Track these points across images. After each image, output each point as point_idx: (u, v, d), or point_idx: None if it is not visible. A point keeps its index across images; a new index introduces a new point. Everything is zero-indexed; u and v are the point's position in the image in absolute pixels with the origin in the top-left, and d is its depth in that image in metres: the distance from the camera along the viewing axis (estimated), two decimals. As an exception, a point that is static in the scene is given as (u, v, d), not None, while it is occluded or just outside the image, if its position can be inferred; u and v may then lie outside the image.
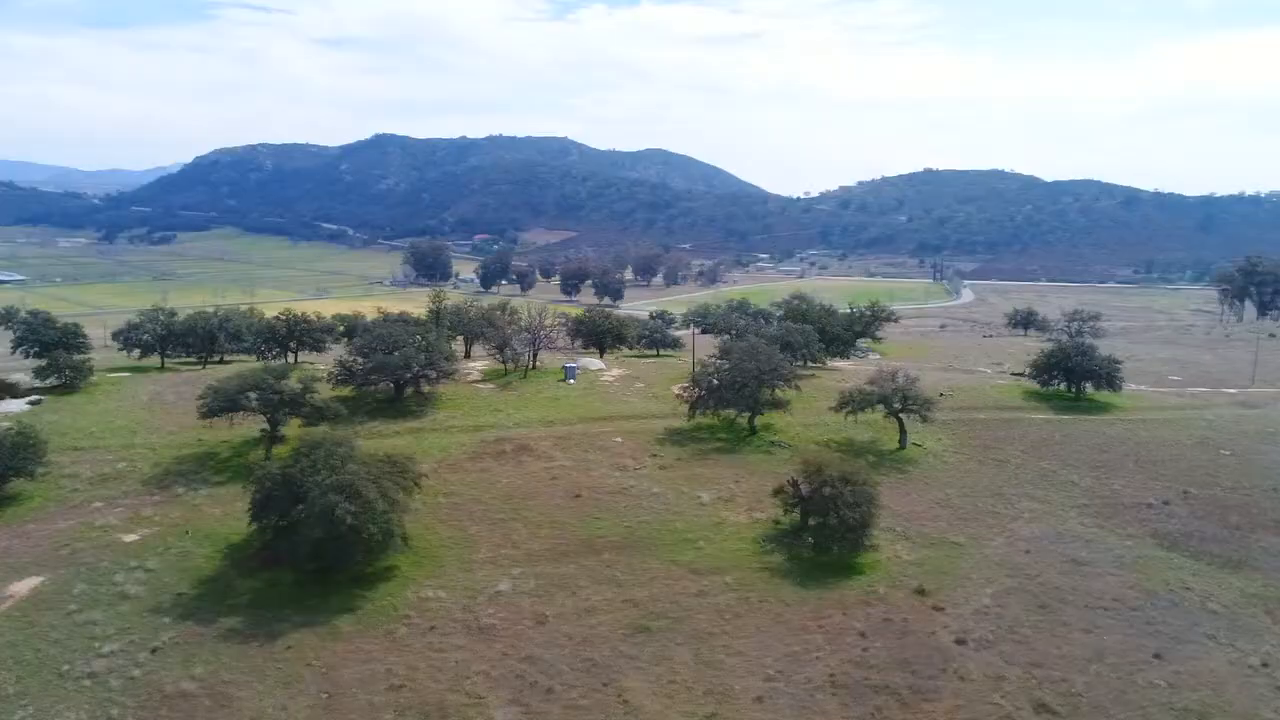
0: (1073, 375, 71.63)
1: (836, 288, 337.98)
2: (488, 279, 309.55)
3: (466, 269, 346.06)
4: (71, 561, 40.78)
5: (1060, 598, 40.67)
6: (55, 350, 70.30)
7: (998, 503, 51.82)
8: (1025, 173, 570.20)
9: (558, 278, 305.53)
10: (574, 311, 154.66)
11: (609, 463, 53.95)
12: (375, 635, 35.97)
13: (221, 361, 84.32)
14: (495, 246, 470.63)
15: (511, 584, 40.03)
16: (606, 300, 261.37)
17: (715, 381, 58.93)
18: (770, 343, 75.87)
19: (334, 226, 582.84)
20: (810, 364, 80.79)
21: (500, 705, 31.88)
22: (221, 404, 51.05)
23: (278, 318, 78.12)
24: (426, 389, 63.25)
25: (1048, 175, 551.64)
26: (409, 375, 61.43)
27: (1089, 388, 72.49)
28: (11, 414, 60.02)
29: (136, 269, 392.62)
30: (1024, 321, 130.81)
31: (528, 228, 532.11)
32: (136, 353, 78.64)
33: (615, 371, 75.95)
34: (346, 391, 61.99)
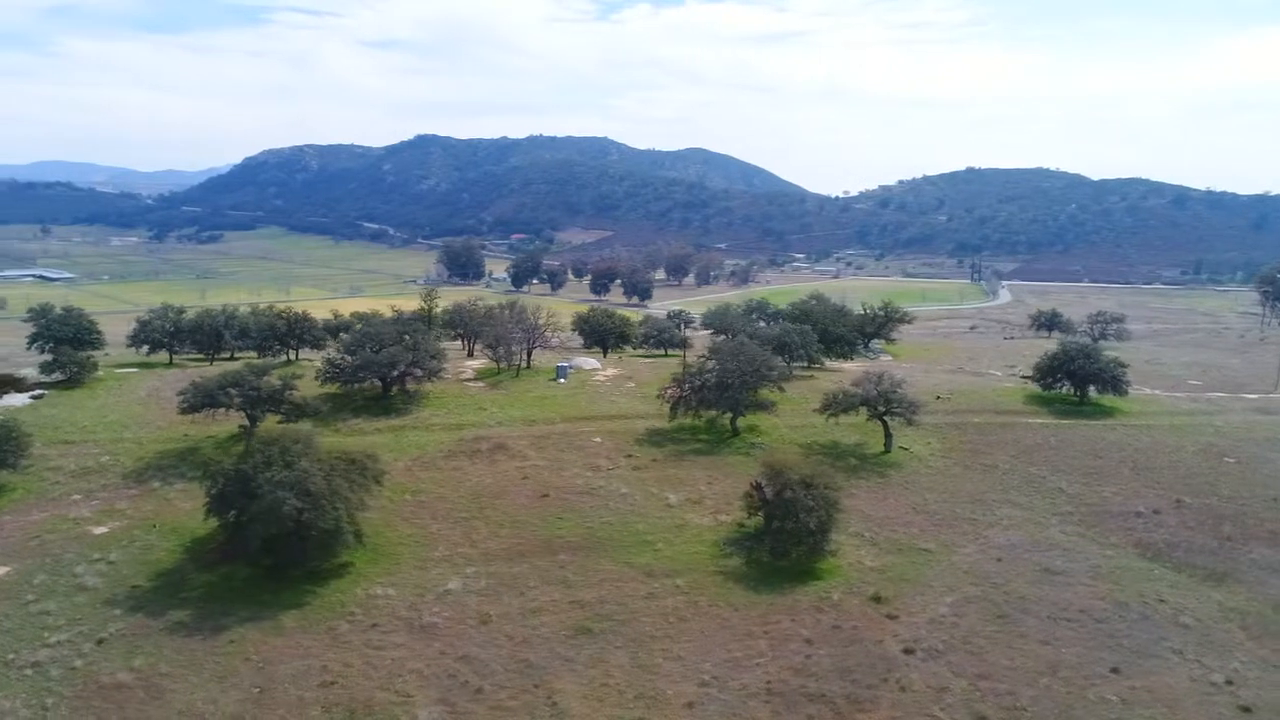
0: (1076, 379, 69.62)
1: (869, 288, 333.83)
2: (519, 278, 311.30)
3: (500, 268, 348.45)
4: (38, 553, 41.72)
5: (1023, 608, 39.49)
6: (61, 346, 71.89)
7: (977, 509, 50.53)
8: (1071, 171, 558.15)
9: (589, 277, 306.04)
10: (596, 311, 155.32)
11: (583, 463, 53.73)
12: (317, 631, 36.19)
13: (232, 357, 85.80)
14: (531, 246, 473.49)
15: (462, 583, 40.02)
16: (635, 300, 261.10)
17: (697, 382, 58.25)
18: (765, 343, 75.28)
19: (375, 226, 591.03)
20: (809, 365, 79.77)
21: (427, 704, 31.83)
22: (200, 400, 51.85)
23: (278, 316, 79.22)
24: (412, 387, 63.57)
25: (1094, 174, 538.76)
26: (395, 374, 61.77)
27: (1094, 392, 70.45)
28: (12, 407, 61.78)
29: (181, 267, 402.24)
30: (1048, 323, 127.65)
31: (564, 227, 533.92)
32: (145, 349, 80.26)
33: (610, 371, 75.70)
34: (335, 388, 62.51)
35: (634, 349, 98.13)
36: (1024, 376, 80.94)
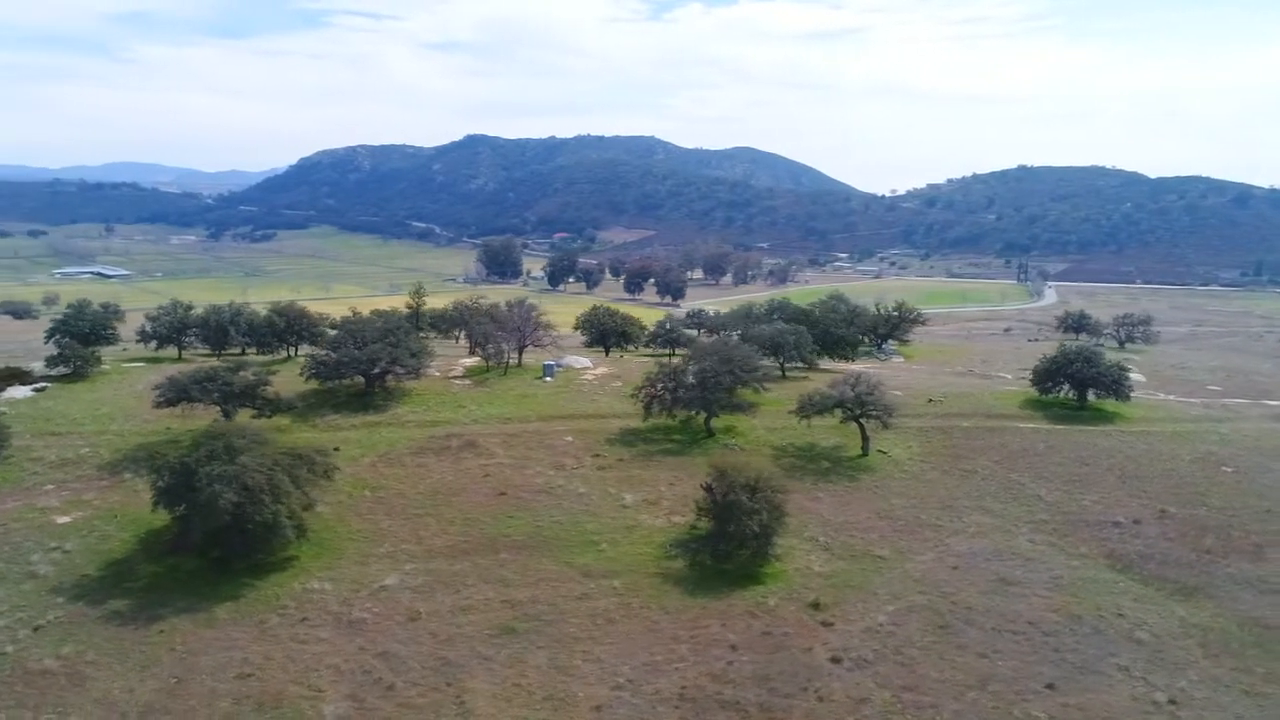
0: (1074, 383, 67.37)
1: (909, 288, 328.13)
2: (555, 277, 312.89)
3: (539, 267, 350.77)
4: (1, 541, 42.94)
5: (968, 618, 38.25)
6: (69, 340, 74.12)
7: (945, 515, 49.16)
8: (1128, 169, 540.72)
9: (624, 276, 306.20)
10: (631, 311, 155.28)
11: (549, 461, 53.62)
12: (247, 624, 36.63)
13: (242, 353, 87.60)
14: (574, 245, 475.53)
15: (399, 579, 40.19)
16: (668, 299, 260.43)
17: (671, 382, 57.71)
18: (759, 344, 74.36)
19: (423, 225, 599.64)
20: (807, 366, 78.51)
21: (336, 700, 31.96)
22: (174, 395, 52.95)
23: (276, 313, 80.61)
24: (393, 384, 64.11)
25: (1153, 172, 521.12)
26: (376, 371, 62.39)
27: (1095, 396, 68.08)
28: (13, 399, 63.93)
29: (232, 265, 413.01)
30: (1076, 325, 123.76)
31: (607, 226, 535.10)
32: (154, 344, 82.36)
33: (600, 370, 75.44)
34: (318, 384, 63.33)
35: (642, 347, 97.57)
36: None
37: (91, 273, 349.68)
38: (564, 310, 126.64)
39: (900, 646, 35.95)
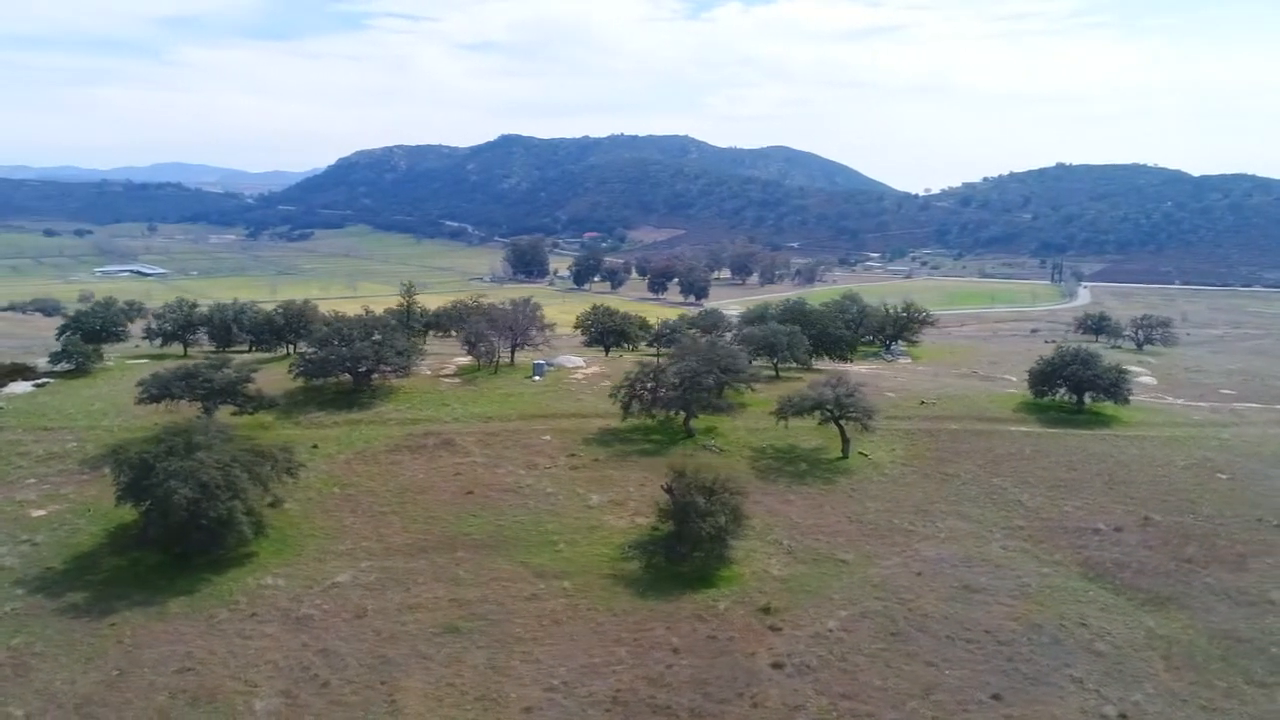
0: (1071, 385, 65.80)
1: (938, 288, 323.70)
2: (580, 276, 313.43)
3: (566, 266, 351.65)
4: (-26, 533, 43.89)
5: (923, 626, 37.45)
6: (73, 336, 75.73)
7: (919, 520, 48.24)
8: (1171, 167, 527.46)
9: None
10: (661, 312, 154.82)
11: (522, 460, 53.59)
12: (197, 619, 37.00)
13: (249, 350, 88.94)
14: (603, 244, 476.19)
15: (353, 576, 40.36)
16: (691, 298, 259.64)
17: (650, 382, 57.35)
18: (753, 345, 73.75)
19: (455, 224, 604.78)
20: (804, 367, 77.60)
21: (268, 695, 32.14)
22: (156, 392, 53.78)
23: (275, 311, 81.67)
24: (379, 382, 64.56)
25: (1198, 170, 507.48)
26: (363, 369, 62.87)
27: (1093, 399, 66.45)
28: (13, 394, 65.47)
29: (267, 264, 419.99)
30: (1095, 326, 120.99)
31: (637, 225, 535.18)
32: (159, 341, 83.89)
33: (591, 369, 75.28)
34: (304, 382, 63.95)
35: (645, 347, 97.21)
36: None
37: (130, 271, 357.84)
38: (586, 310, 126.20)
39: (846, 653, 35.29)
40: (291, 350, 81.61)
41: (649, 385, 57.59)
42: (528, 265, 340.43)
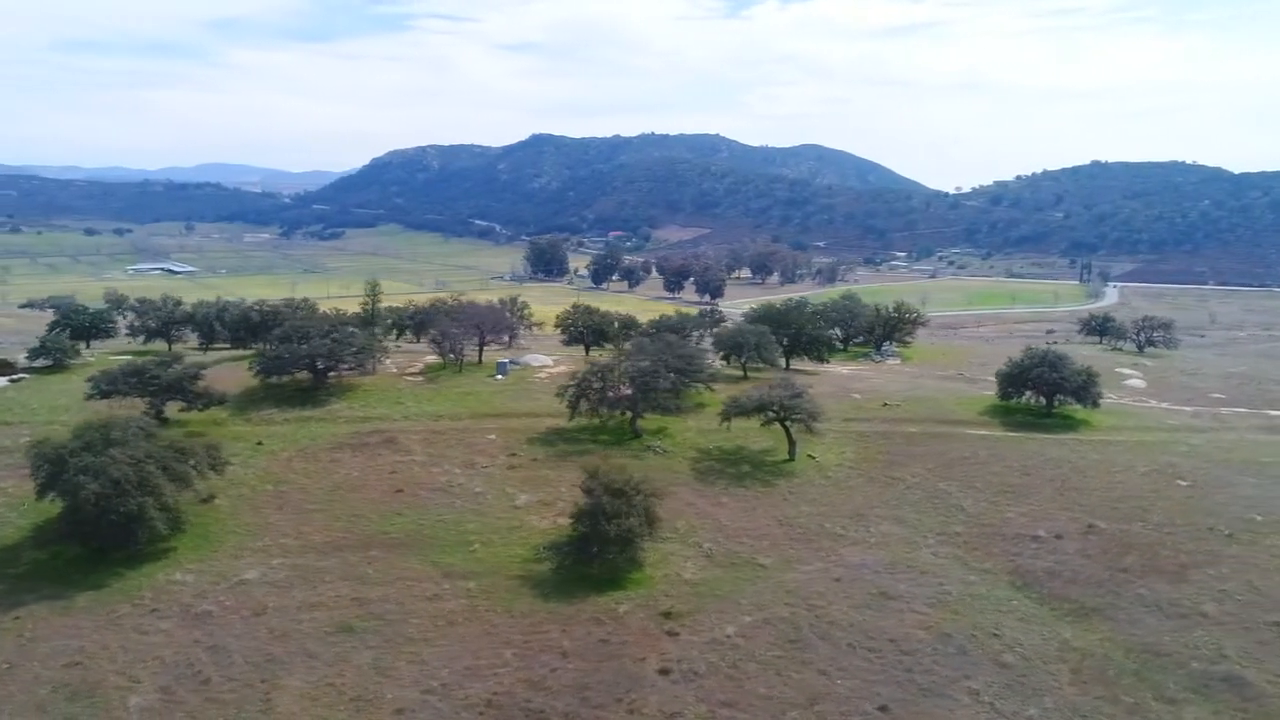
0: (1039, 388, 64.14)
1: (960, 288, 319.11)
2: (598, 275, 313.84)
3: (584, 265, 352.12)
4: (-93, 525, 44.72)
5: (826, 633, 36.59)
6: (56, 333, 77.14)
7: (852, 524, 47.24)
8: (1210, 165, 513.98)
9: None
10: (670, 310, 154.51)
11: (461, 459, 53.47)
12: (99, 614, 37.28)
13: (231, 347, 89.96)
14: (627, 243, 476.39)
15: (261, 573, 40.44)
16: (706, 298, 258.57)
17: (597, 382, 56.90)
18: (722, 345, 72.98)
19: (484, 223, 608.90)
20: (761, 366, 76.29)
21: (147, 691, 32.24)
22: (105, 388, 54.48)
23: (252, 309, 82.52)
24: (336, 380, 64.88)
25: (1237, 167, 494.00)
26: (321, 366, 63.22)
27: (1062, 402, 64.75)
28: (-12, 390, 66.81)
29: (295, 262, 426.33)
30: (1098, 328, 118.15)
31: (663, 224, 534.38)
32: (142, 338, 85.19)
33: (558, 369, 74.88)
34: (260, 380, 64.46)
35: (627, 346, 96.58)
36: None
37: (161, 269, 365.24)
38: (607, 308, 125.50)
39: (739, 660, 34.57)
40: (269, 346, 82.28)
41: (596, 385, 57.11)
42: (547, 264, 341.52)
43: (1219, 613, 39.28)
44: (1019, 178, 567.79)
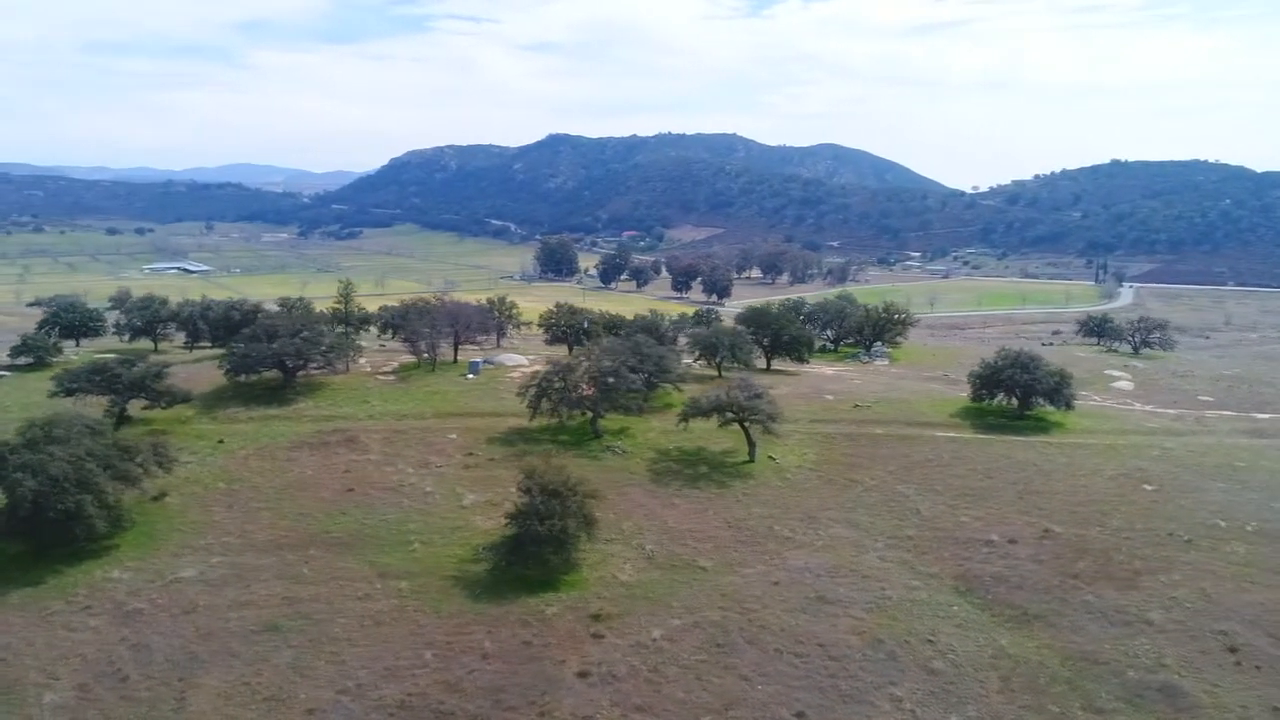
0: (1011, 390, 63.21)
1: (972, 289, 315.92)
2: (607, 275, 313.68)
3: (593, 265, 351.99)
4: None
5: (755, 638, 36.13)
6: (33, 335, 77.93)
7: (803, 527, 46.69)
8: (1233, 164, 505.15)
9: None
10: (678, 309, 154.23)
11: (416, 459, 53.39)
12: (31, 611, 37.40)
13: (212, 345, 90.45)
14: (640, 243, 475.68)
15: (200, 571, 40.48)
16: (713, 297, 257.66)
17: (558, 381, 56.63)
18: (696, 345, 72.51)
19: (499, 223, 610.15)
20: (736, 366, 75.64)
21: (63, 689, 32.32)
22: (69, 387, 54.89)
23: (233, 308, 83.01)
24: (304, 379, 65.04)
25: (1261, 166, 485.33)
26: (290, 365, 63.41)
27: (1042, 404, 63.80)
28: (-35, 387, 67.54)
29: (309, 262, 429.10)
30: (1096, 329, 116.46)
31: (676, 224, 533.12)
32: (126, 337, 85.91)
33: (533, 369, 74.52)
34: (230, 379, 64.73)
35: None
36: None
37: (177, 268, 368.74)
38: (612, 308, 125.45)
39: (661, 664, 34.20)
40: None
41: (558, 385, 56.84)
42: (557, 264, 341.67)
43: (1165, 620, 38.52)
44: (1037, 177, 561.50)
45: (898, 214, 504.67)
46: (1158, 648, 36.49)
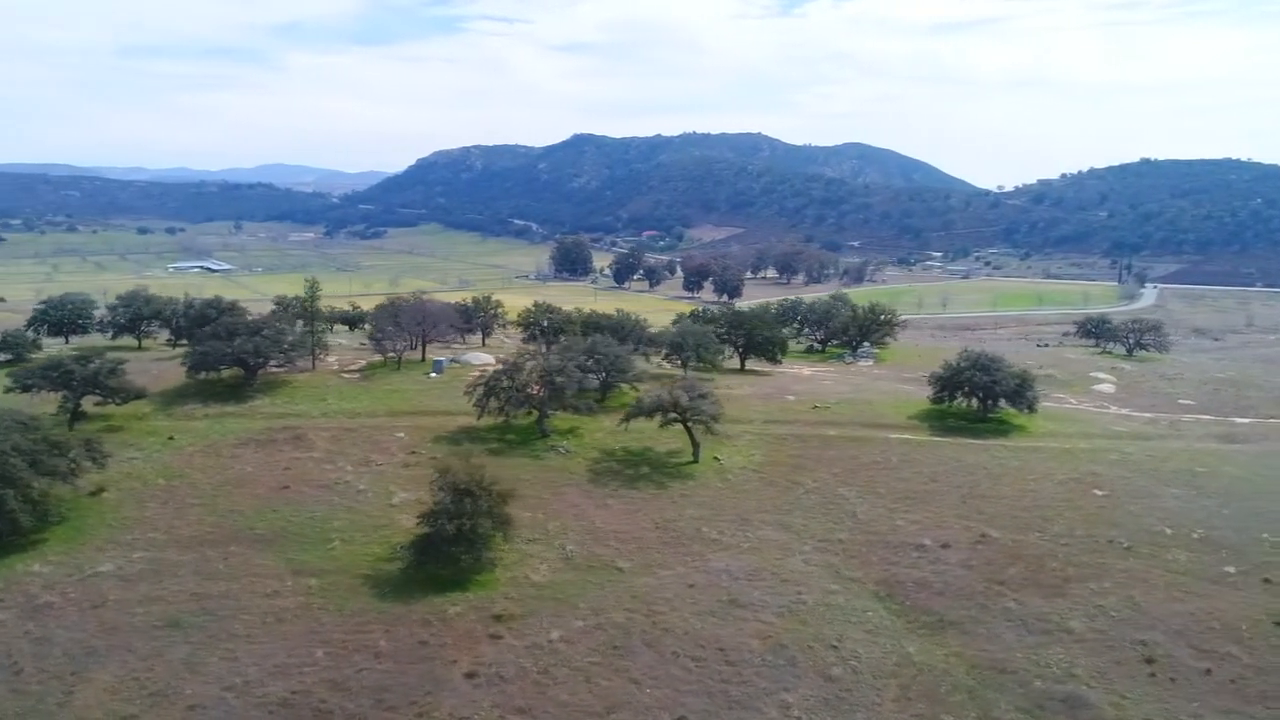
0: (971, 391, 62.12)
1: (990, 289, 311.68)
2: (620, 275, 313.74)
3: (607, 264, 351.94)
4: None
5: (655, 641, 35.72)
6: (13, 331, 79.26)
7: (732, 529, 46.14)
8: (1266, 162, 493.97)
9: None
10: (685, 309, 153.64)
11: (358, 457, 53.52)
12: (-57, 604, 37.98)
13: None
14: (660, 243, 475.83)
15: (118, 566, 40.81)
16: (724, 297, 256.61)
17: (505, 380, 56.55)
18: (662, 345, 72.12)
19: (522, 223, 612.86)
20: (701, 366, 75.05)
21: (-43, 682, 32.76)
22: (26, 383, 55.76)
23: (209, 306, 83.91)
24: (265, 375, 65.55)
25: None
26: (250, 362, 63.94)
27: (1005, 406, 62.64)
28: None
29: (330, 261, 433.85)
30: (1095, 330, 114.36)
31: (697, 224, 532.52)
32: (110, 333, 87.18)
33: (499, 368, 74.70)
34: (188, 376, 65.41)
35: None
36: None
37: (200, 267, 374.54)
38: (622, 307, 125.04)
39: (551, 666, 33.91)
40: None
41: (505, 384, 56.73)
42: (572, 263, 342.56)
43: (1086, 629, 37.56)
44: (1064, 176, 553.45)
45: (920, 214, 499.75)
46: (1071, 657, 35.59)
